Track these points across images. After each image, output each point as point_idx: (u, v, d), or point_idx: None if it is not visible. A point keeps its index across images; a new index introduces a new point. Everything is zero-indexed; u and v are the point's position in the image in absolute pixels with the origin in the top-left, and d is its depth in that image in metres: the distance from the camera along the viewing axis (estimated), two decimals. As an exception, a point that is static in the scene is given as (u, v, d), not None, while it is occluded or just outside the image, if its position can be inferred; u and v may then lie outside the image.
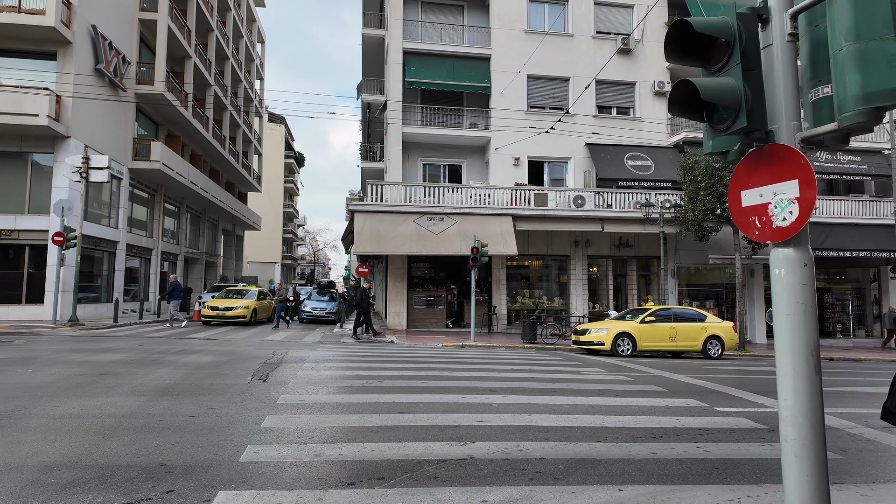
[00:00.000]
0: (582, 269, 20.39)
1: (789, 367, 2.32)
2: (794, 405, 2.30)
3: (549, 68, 20.76)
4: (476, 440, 5.02)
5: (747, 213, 2.52)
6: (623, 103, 21.28)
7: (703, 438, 5.54)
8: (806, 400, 2.28)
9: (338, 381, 7.97)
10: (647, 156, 20.37)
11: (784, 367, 2.35)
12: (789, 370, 2.32)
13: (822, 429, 2.27)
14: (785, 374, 2.34)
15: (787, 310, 2.34)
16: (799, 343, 2.31)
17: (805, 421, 2.27)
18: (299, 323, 22.23)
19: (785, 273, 2.35)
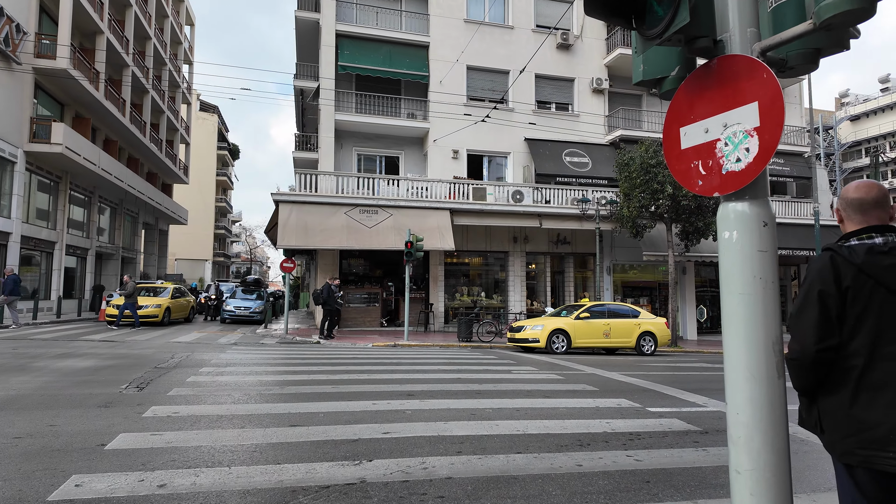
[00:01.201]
0: (520, 266, 20.02)
1: (743, 369, 1.66)
2: (751, 421, 1.63)
3: (489, 60, 20.26)
4: (375, 457, 4.21)
5: (687, 157, 1.84)
6: (562, 99, 21.10)
7: (634, 444, 4.98)
8: (766, 414, 1.63)
9: (232, 388, 6.94)
10: (585, 153, 20.27)
11: (736, 369, 1.68)
12: (743, 372, 1.66)
13: (788, 454, 1.62)
14: (737, 377, 1.68)
15: (741, 287, 1.67)
16: (756, 334, 1.65)
17: (766, 444, 1.62)
18: (221, 323, 20.62)
19: (738, 237, 1.69)
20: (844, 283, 1.82)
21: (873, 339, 1.79)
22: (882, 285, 1.80)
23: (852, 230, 1.94)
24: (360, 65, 18.79)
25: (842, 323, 1.84)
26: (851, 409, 1.81)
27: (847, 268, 1.82)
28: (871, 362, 1.79)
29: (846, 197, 1.97)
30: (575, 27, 21.10)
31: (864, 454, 1.79)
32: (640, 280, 21.83)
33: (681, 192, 15.99)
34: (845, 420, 1.83)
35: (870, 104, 49.22)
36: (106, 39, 23.02)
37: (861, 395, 1.81)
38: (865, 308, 1.80)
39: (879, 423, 1.77)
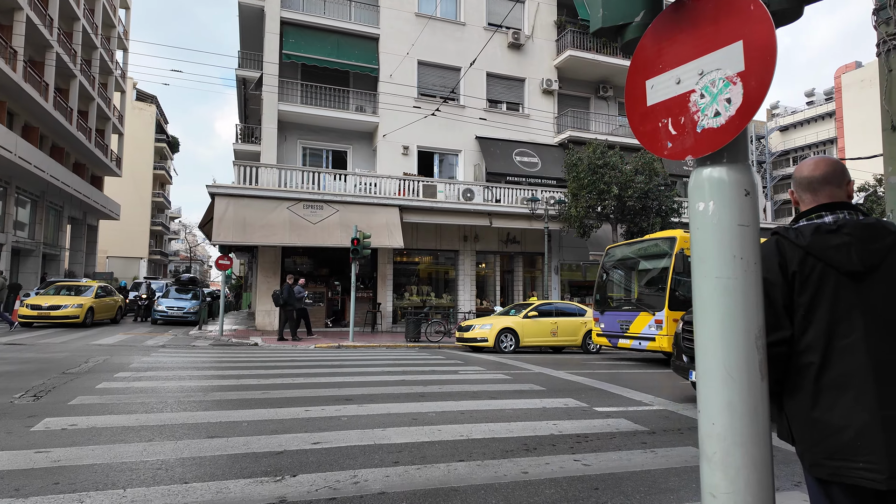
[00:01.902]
0: (470, 265, 19.81)
1: (720, 369, 1.36)
2: (730, 433, 1.33)
3: (441, 56, 19.95)
4: (300, 472, 3.75)
5: (654, 115, 1.53)
6: (513, 99, 21.07)
7: (582, 447, 4.75)
8: (748, 424, 1.33)
9: (148, 395, 6.26)
10: (535, 153, 20.31)
11: (711, 369, 1.38)
12: (720, 373, 1.36)
13: (772, 473, 1.33)
14: (712, 379, 1.38)
15: (718, 270, 1.37)
16: (736, 326, 1.35)
17: (747, 461, 1.32)
18: (151, 324, 19.28)
19: (714, 208, 1.38)
20: (791, 269, 1.60)
21: (827, 330, 1.57)
22: (832, 268, 1.57)
23: (804, 211, 1.74)
24: (306, 54, 18.03)
25: (792, 314, 1.60)
26: (813, 412, 1.58)
27: (793, 251, 1.61)
28: (828, 358, 1.57)
29: (796, 176, 1.79)
30: (526, 27, 21.12)
31: (833, 465, 1.55)
32: (587, 279, 22.12)
33: (626, 193, 16.22)
34: (809, 425, 1.60)
35: (797, 116, 52.53)
36: (26, 16, 21.12)
37: (822, 396, 1.57)
38: (816, 295, 1.58)
39: (844, 426, 1.53)
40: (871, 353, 1.55)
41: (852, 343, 1.56)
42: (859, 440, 1.52)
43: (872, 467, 1.51)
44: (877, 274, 1.58)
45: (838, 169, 1.75)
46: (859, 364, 1.55)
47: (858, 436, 1.52)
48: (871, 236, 1.61)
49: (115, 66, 35.77)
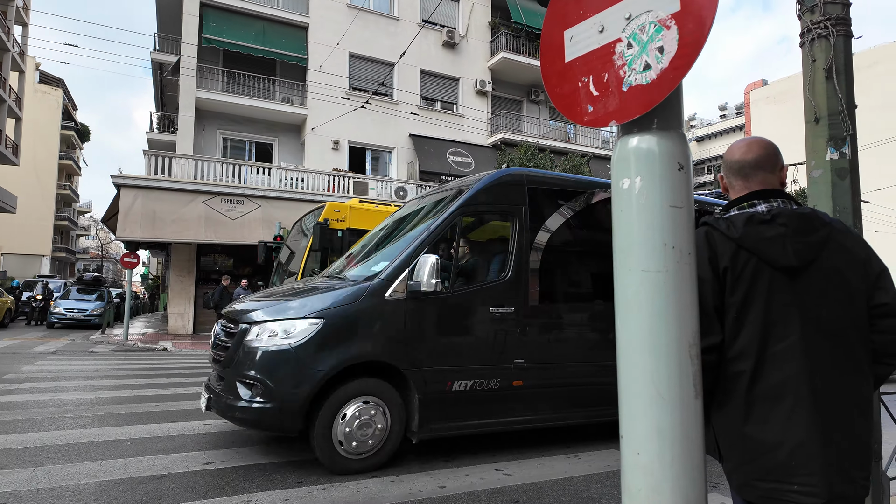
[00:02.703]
0: (402, 265, 19.41)
1: (647, 385, 1.10)
2: (658, 465, 1.08)
3: (374, 50, 19.43)
4: (183, 499, 3.24)
5: (573, 73, 1.25)
6: (447, 98, 20.90)
7: (503, 455, 4.52)
8: (680, 453, 1.08)
9: (16, 411, 5.43)
10: (469, 153, 20.24)
11: (635, 386, 1.12)
12: (647, 390, 1.10)
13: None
14: (637, 398, 1.11)
15: (645, 261, 1.11)
16: (667, 332, 1.09)
17: (678, 497, 1.06)
18: (47, 328, 17.40)
19: (642, 185, 1.12)
20: (722, 265, 1.39)
21: (761, 334, 1.36)
22: (767, 263, 1.38)
23: (734, 199, 1.53)
24: (229, 39, 16.94)
25: (722, 316, 1.39)
26: (745, 427, 1.38)
27: (724, 244, 1.40)
28: (762, 365, 1.36)
29: (727, 160, 1.58)
30: (461, 27, 21.03)
31: (765, 487, 1.35)
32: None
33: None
34: (739, 442, 1.39)
35: (712, 128, 56.31)
36: None
37: (754, 409, 1.37)
38: (748, 294, 1.37)
39: (779, 443, 1.34)
40: (808, 359, 1.36)
41: (788, 348, 1.36)
42: (794, 459, 1.33)
43: (809, 490, 1.32)
44: (812, 269, 1.40)
45: (771, 152, 1.55)
46: (795, 372, 1.35)
47: (793, 454, 1.33)
48: (807, 228, 1.43)
49: (13, 42, 32.28)
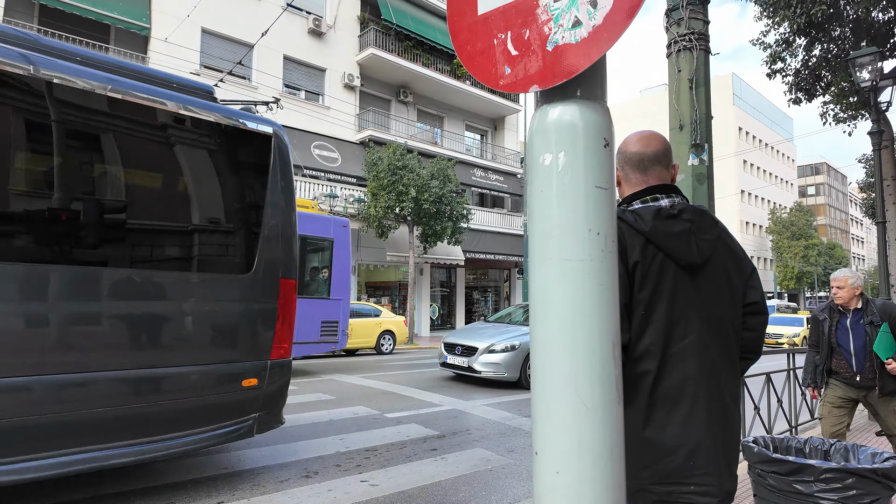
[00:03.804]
0: (258, 263, 18.05)
1: (567, 391, 0.95)
2: (579, 483, 0.94)
3: (232, 28, 17.82)
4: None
5: (489, 27, 1.07)
6: (313, 88, 19.96)
7: (370, 464, 4.27)
8: (604, 469, 0.95)
9: None
10: (335, 148, 19.54)
11: (555, 392, 0.97)
12: (567, 397, 0.95)
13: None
14: (556, 407, 0.96)
15: (568, 250, 0.96)
16: (590, 330, 0.96)
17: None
18: None
19: (565, 162, 0.97)
20: (632, 259, 1.34)
21: (665, 332, 1.33)
22: (672, 259, 1.35)
23: (632, 192, 1.48)
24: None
25: (630, 313, 1.33)
26: (645, 432, 1.33)
27: (634, 238, 1.35)
28: (665, 365, 1.33)
29: (625, 151, 1.52)
30: (328, 16, 20.24)
31: (662, 491, 1.32)
32: (384, 280, 22.17)
33: (423, 196, 16.58)
34: (637, 447, 1.33)
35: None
36: None
37: (655, 411, 1.33)
38: (656, 290, 1.34)
39: (678, 446, 1.31)
40: (702, 359, 1.35)
41: (687, 347, 1.34)
42: (692, 460, 1.31)
43: (705, 489, 1.31)
44: (707, 267, 1.40)
45: (668, 148, 1.54)
46: (693, 372, 1.33)
47: (692, 455, 1.31)
48: (705, 225, 1.43)
49: None
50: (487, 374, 8.15)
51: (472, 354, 8.39)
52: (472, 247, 21.71)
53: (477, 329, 9.34)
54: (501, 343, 8.30)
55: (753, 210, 51.54)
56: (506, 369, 8.10)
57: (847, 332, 3.57)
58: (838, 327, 3.62)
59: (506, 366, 8.10)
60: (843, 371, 3.62)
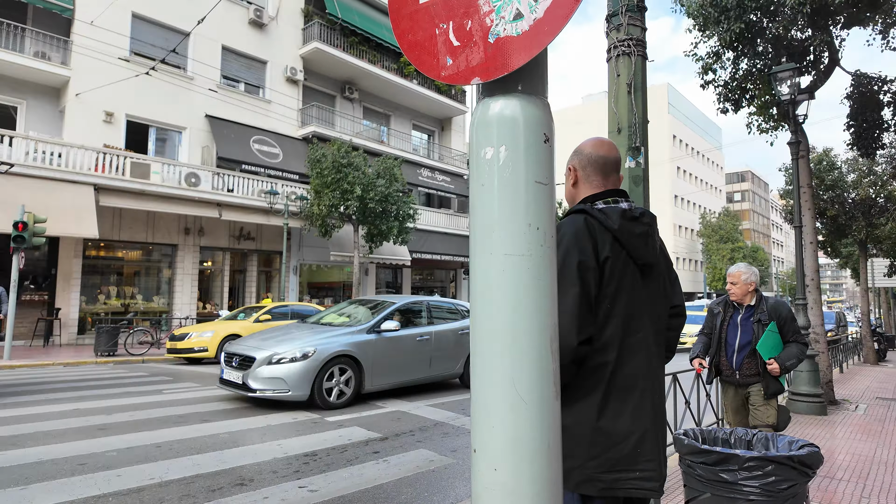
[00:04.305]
0: (193, 263, 17.22)
1: (508, 388, 0.95)
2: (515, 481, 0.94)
3: (166, 14, 16.90)
4: None
5: (430, 16, 1.04)
6: (253, 81, 19.26)
7: (310, 469, 4.14)
8: (542, 466, 0.94)
9: None
10: (276, 143, 18.95)
11: (494, 388, 0.96)
12: (506, 394, 0.94)
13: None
14: (496, 403, 0.96)
15: (510, 245, 0.95)
16: (530, 324, 0.95)
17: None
18: None
19: (506, 157, 0.96)
20: (603, 254, 1.42)
21: (624, 326, 1.43)
22: (632, 257, 1.47)
23: (593, 193, 1.57)
24: (-47, -37, 13.00)
25: (597, 305, 1.42)
26: (599, 422, 1.39)
27: (603, 234, 1.44)
28: (622, 357, 1.42)
29: (588, 154, 1.60)
30: (270, 7, 19.60)
31: (610, 478, 1.38)
32: (327, 281, 21.71)
33: (368, 195, 16.37)
34: (591, 437, 1.39)
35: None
36: None
37: (611, 403, 1.40)
38: (619, 286, 1.44)
39: (628, 433, 1.39)
40: (648, 352, 1.48)
41: (640, 340, 1.46)
42: (640, 447, 1.40)
43: (648, 475, 1.41)
44: (654, 268, 1.55)
45: (619, 156, 1.66)
46: (643, 364, 1.46)
47: (640, 442, 1.41)
48: (656, 229, 1.59)
49: None
50: (266, 394, 6.20)
51: (248, 367, 6.38)
52: (419, 247, 21.67)
53: (278, 333, 7.17)
54: (289, 351, 6.35)
55: (686, 214, 54.41)
56: (290, 385, 6.17)
57: (736, 328, 3.51)
58: (729, 322, 3.55)
59: (291, 381, 6.17)
60: (724, 369, 3.57)
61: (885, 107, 8.73)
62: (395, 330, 7.26)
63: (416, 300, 8.19)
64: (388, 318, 7.29)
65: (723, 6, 7.79)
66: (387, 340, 7.15)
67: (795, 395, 6.91)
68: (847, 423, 6.32)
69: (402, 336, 7.35)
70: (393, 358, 7.18)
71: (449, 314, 8.35)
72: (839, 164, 15.35)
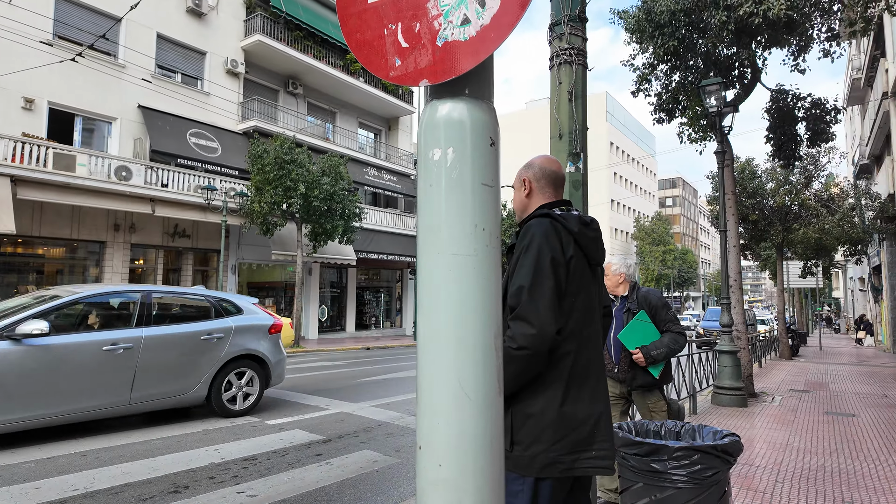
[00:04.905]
0: (123, 261, 16.25)
1: (453, 384, 0.97)
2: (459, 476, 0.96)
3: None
4: None
5: (379, 17, 1.05)
6: (191, 71, 18.40)
7: (249, 474, 4.02)
8: (485, 460, 0.97)
9: None
10: (215, 137, 18.19)
11: (439, 385, 0.98)
12: (451, 390, 0.97)
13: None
14: (441, 399, 0.98)
15: (457, 245, 0.98)
16: (475, 322, 0.98)
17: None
18: None
19: (454, 158, 0.98)
20: (568, 254, 1.59)
21: (582, 318, 1.60)
22: (587, 258, 1.66)
23: (548, 202, 1.76)
24: None
25: (564, 299, 1.58)
26: (563, 407, 1.52)
27: (567, 237, 1.62)
28: (580, 346, 1.58)
29: (543, 167, 1.79)
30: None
31: (569, 459, 1.51)
32: (268, 280, 21.07)
33: (313, 193, 16.04)
34: (556, 422, 1.51)
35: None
36: None
37: (572, 389, 1.55)
38: (581, 282, 1.61)
39: (587, 417, 1.54)
40: (598, 344, 1.67)
41: (593, 332, 1.63)
42: (597, 428, 1.55)
43: (604, 454, 1.54)
44: (598, 270, 1.76)
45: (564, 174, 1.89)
46: (596, 352, 1.63)
47: (597, 424, 1.55)
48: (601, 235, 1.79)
49: None
50: None
51: None
52: (365, 246, 21.43)
53: None
54: None
55: (621, 218, 56.75)
56: None
57: (612, 321, 3.29)
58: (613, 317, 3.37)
59: None
60: (607, 363, 3.35)
61: (799, 121, 9.48)
62: (45, 334, 4.66)
63: (122, 289, 5.78)
64: (40, 317, 4.76)
65: (657, 22, 8.21)
66: (32, 351, 4.60)
67: (719, 389, 7.38)
68: (764, 413, 6.82)
69: (65, 344, 4.80)
70: (43, 378, 4.61)
71: (192, 311, 6.01)
72: (760, 174, 16.51)
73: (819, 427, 6.00)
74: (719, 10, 7.63)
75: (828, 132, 9.35)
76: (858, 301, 32.81)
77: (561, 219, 1.62)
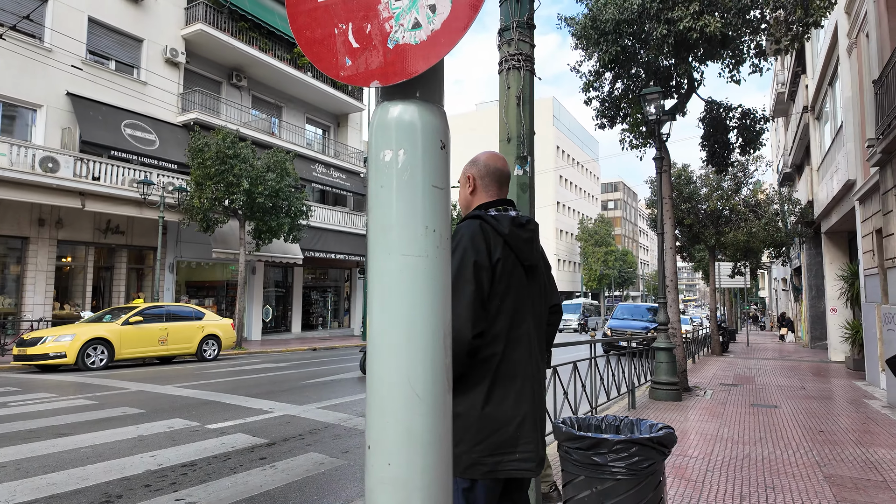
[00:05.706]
0: (48, 259, 15.17)
1: (403, 383, 0.98)
2: (408, 474, 0.97)
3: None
4: None
5: (330, 16, 1.05)
6: (126, 59, 17.42)
7: (188, 480, 3.87)
8: (434, 459, 0.99)
9: None
10: (152, 129, 17.31)
11: (388, 384, 1.00)
12: (401, 390, 0.98)
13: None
14: (391, 399, 0.99)
15: (407, 246, 0.99)
16: (425, 323, 1.00)
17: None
18: None
19: (405, 161, 0.99)
20: (495, 256, 1.58)
21: (510, 320, 1.59)
22: (519, 259, 1.65)
23: (488, 201, 1.75)
24: None
25: (489, 301, 1.57)
26: (485, 409, 1.52)
27: (496, 238, 1.60)
28: (507, 348, 1.57)
29: (487, 164, 1.77)
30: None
31: (492, 461, 1.51)
32: (208, 279, 20.26)
33: (257, 189, 15.57)
34: (477, 424, 1.51)
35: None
36: None
37: (496, 390, 1.54)
38: (509, 284, 1.60)
39: (511, 418, 1.53)
40: (530, 344, 1.63)
41: (523, 333, 1.61)
42: (520, 430, 1.54)
43: (527, 456, 1.54)
44: (535, 270, 1.73)
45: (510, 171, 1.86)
46: (525, 354, 1.61)
47: (520, 426, 1.54)
48: (539, 235, 1.78)
49: None
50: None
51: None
52: (312, 245, 20.99)
53: None
54: None
55: (566, 219, 58.36)
56: None
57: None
58: None
59: None
60: None
61: (731, 130, 10.08)
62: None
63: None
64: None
65: (602, 30, 8.51)
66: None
67: (657, 385, 7.74)
68: (697, 407, 7.21)
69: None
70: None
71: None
72: (694, 179, 17.42)
73: (746, 418, 6.41)
74: (661, 23, 8.00)
75: (758, 140, 9.98)
76: (781, 300, 35.21)
77: (492, 220, 1.61)
